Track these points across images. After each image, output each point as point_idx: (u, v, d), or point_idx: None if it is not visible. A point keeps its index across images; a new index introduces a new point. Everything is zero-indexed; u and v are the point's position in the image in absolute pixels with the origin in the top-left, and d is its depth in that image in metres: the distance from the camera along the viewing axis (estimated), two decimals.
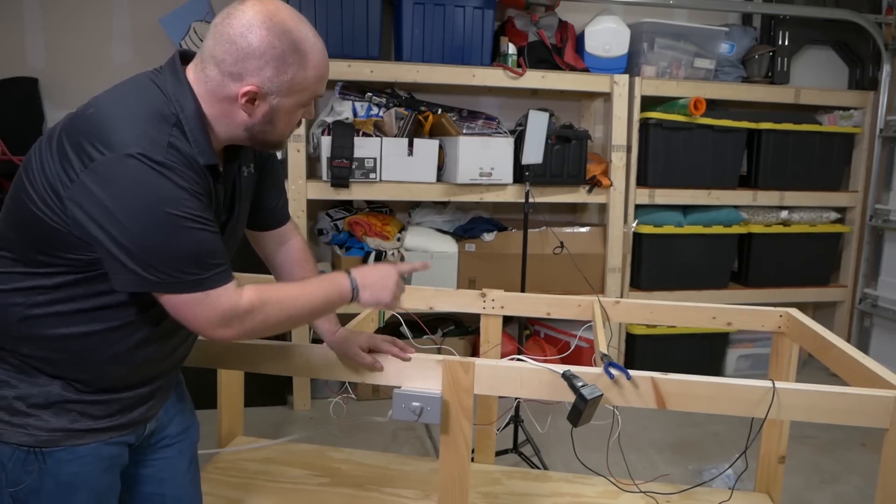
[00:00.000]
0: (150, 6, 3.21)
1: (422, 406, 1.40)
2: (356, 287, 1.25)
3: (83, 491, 1.14)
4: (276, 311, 1.14)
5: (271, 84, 1.08)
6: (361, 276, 1.27)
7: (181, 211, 1.01)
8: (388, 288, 1.29)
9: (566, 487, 2.04)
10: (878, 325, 3.79)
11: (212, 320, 1.07)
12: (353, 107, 3.13)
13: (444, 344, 3.18)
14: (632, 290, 3.53)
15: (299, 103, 1.14)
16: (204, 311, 1.07)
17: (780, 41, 3.74)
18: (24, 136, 3.13)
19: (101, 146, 0.99)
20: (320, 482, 2.02)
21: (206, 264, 1.05)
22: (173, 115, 1.06)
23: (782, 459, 1.98)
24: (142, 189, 0.99)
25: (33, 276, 1.08)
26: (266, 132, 1.14)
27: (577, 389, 1.35)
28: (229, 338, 1.11)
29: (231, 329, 1.10)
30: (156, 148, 1.01)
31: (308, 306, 1.20)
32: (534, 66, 3.27)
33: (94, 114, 1.04)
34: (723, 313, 2.00)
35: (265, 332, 1.15)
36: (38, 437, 1.10)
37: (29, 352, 1.10)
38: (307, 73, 1.10)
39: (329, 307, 1.24)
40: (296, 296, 1.19)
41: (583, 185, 3.35)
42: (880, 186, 3.75)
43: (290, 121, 1.16)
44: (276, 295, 1.15)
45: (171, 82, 1.09)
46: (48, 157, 1.04)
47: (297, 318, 1.20)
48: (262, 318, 1.12)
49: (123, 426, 1.19)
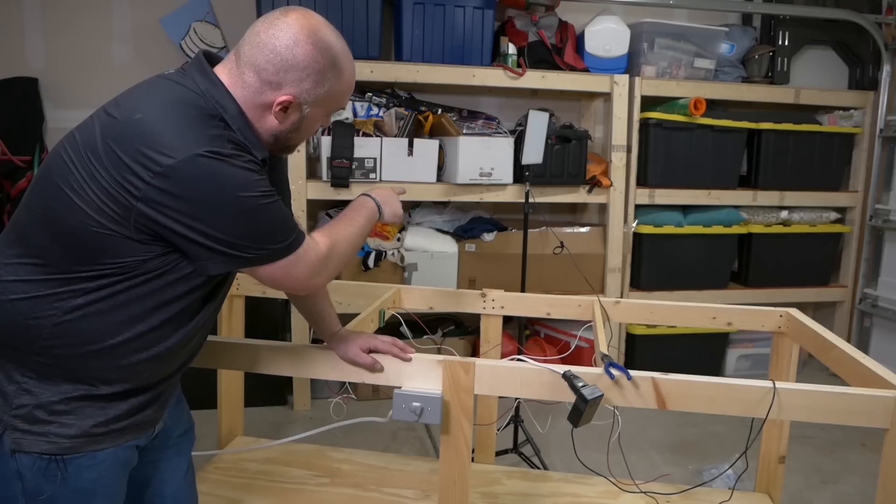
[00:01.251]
0: (150, 6, 3.21)
1: (422, 406, 1.40)
2: (379, 205, 1.41)
3: (100, 496, 1.14)
4: (344, 246, 1.27)
5: (307, 95, 1.15)
6: (377, 195, 1.43)
7: (257, 191, 1.08)
8: (398, 203, 1.47)
9: (566, 487, 2.04)
10: (878, 325, 3.79)
11: (308, 274, 1.19)
12: (353, 107, 3.13)
13: (444, 344, 3.18)
14: (632, 290, 3.53)
15: (326, 113, 1.21)
16: (300, 270, 1.17)
17: (780, 41, 3.74)
18: (24, 136, 3.13)
19: (166, 150, 1.02)
20: (320, 482, 2.02)
21: (287, 229, 1.15)
22: (218, 113, 1.10)
23: (782, 459, 1.98)
24: (219, 183, 1.05)
25: (71, 281, 1.07)
26: (290, 138, 1.21)
27: (578, 390, 1.35)
28: (321, 284, 1.28)
29: (322, 276, 1.22)
30: (218, 142, 1.06)
31: (359, 231, 1.33)
32: (534, 66, 3.27)
33: (143, 120, 1.05)
34: (723, 313, 2.01)
35: (341, 269, 1.31)
36: (59, 445, 1.09)
37: (62, 353, 1.09)
38: (342, 87, 1.19)
39: (369, 228, 1.38)
40: (348, 227, 1.31)
41: (583, 185, 3.35)
42: (880, 186, 3.75)
43: (313, 129, 1.23)
44: (337, 233, 1.27)
45: (204, 83, 1.12)
46: (96, 167, 1.04)
47: (356, 246, 1.33)
48: (337, 256, 1.24)
49: (138, 427, 1.19)
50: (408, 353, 1.48)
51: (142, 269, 1.09)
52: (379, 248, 3.20)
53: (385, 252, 3.19)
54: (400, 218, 1.46)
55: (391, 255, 3.19)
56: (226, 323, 2.22)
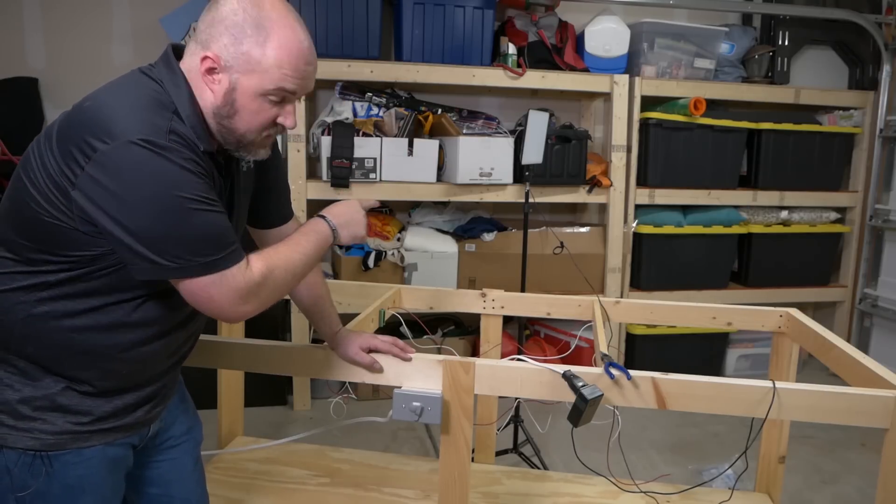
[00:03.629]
0: (150, 6, 3.21)
1: (422, 406, 1.40)
2: (334, 228, 1.26)
3: (89, 493, 1.14)
4: (283, 275, 1.14)
5: (227, 54, 1.06)
6: (334, 215, 1.27)
7: (189, 193, 1.01)
8: (361, 222, 1.31)
9: (566, 487, 2.04)
10: (878, 325, 3.79)
11: (232, 300, 1.07)
12: (353, 107, 3.13)
13: (444, 344, 3.18)
14: (632, 290, 3.53)
15: (262, 89, 1.08)
16: (223, 293, 1.06)
17: (780, 41, 3.74)
18: (24, 136, 3.10)
19: (103, 136, 0.98)
20: (320, 482, 2.02)
21: (219, 245, 1.05)
22: (171, 103, 1.06)
23: (782, 459, 1.98)
24: (149, 175, 0.98)
25: (36, 275, 1.07)
26: (231, 119, 1.10)
27: (578, 389, 1.35)
28: (248, 314, 1.10)
29: (250, 305, 1.09)
30: (158, 132, 1.00)
31: (305, 259, 1.19)
32: (534, 66, 3.27)
33: (91, 106, 1.03)
34: (723, 313, 2.01)
35: (277, 299, 1.16)
36: (44, 441, 1.09)
37: (34, 351, 1.09)
38: (265, 52, 1.06)
39: (320, 254, 1.24)
40: (292, 254, 1.17)
41: (583, 185, 3.35)
42: (880, 186, 3.75)
43: (256, 114, 1.10)
44: (277, 258, 1.14)
45: (166, 73, 1.09)
46: (48, 156, 1.03)
47: (299, 275, 1.20)
48: (272, 285, 1.12)
49: (128, 427, 1.19)
50: (408, 353, 1.47)
51: (98, 265, 1.07)
52: (379, 248, 3.20)
53: (385, 252, 3.19)
54: (360, 239, 1.33)
55: (391, 255, 3.19)
56: (226, 323, 2.22)
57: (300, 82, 1.11)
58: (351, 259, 3.17)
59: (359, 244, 3.22)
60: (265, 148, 1.18)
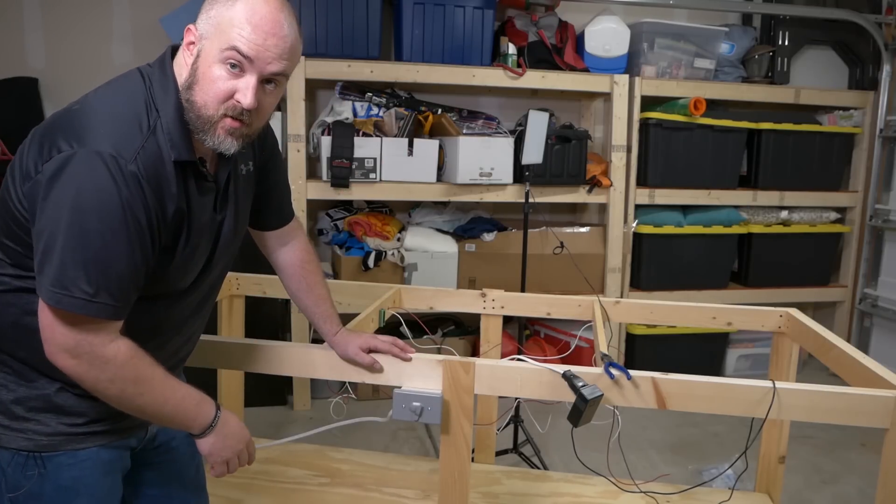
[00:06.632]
0: (150, 6, 3.21)
1: (422, 406, 1.40)
2: (213, 426, 1.15)
3: (84, 495, 1.14)
4: (126, 382, 1.04)
5: (201, 22, 1.06)
6: (224, 422, 1.17)
7: (113, 227, 0.96)
8: (232, 448, 1.19)
9: (566, 487, 2.04)
10: (878, 325, 3.79)
11: (63, 344, 0.99)
12: (353, 107, 3.13)
13: (444, 344, 3.18)
14: (632, 290, 3.53)
15: (217, 50, 1.03)
16: (63, 333, 0.99)
17: (780, 41, 3.74)
18: (24, 136, 3.12)
19: (73, 140, 0.97)
20: (320, 482, 2.02)
21: (101, 289, 0.97)
22: (156, 114, 1.04)
23: (782, 459, 1.98)
24: (88, 188, 0.95)
25: (24, 279, 1.06)
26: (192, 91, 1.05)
27: (578, 389, 1.35)
28: (69, 371, 1.01)
29: (77, 364, 1.00)
30: (127, 151, 0.98)
31: (160, 401, 1.08)
32: (534, 66, 3.27)
33: (77, 110, 1.03)
34: (723, 313, 2.01)
35: (104, 392, 1.04)
36: (37, 442, 1.09)
37: (26, 355, 1.09)
38: (231, 14, 1.02)
39: (174, 416, 1.12)
40: (157, 384, 1.07)
41: (583, 185, 3.35)
42: (880, 186, 3.75)
43: (213, 82, 1.04)
44: (144, 366, 1.05)
45: (158, 76, 1.08)
46: (29, 149, 1.03)
47: (139, 403, 1.07)
48: (109, 376, 1.02)
49: (124, 430, 1.18)
50: (408, 353, 1.47)
51: None
52: (379, 248, 3.20)
53: (385, 252, 3.19)
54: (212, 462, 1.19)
55: (391, 255, 3.19)
56: (226, 323, 2.22)
57: (257, 49, 1.03)
58: (351, 259, 3.17)
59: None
60: (231, 137, 1.07)
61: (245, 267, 2.09)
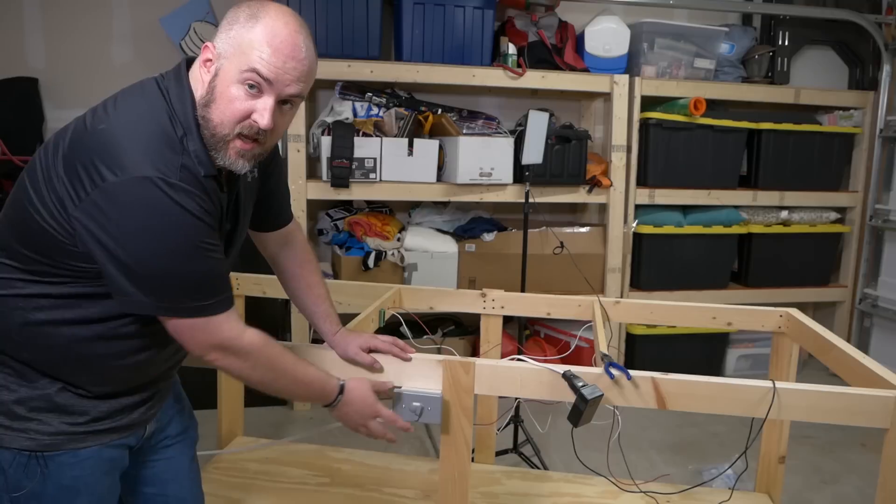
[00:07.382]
0: (150, 6, 3.21)
1: (422, 406, 1.40)
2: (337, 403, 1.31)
3: (85, 494, 1.14)
4: (265, 369, 1.17)
5: (220, 41, 1.07)
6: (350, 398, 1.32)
7: (191, 238, 1.02)
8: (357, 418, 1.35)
9: (566, 487, 2.04)
10: (878, 325, 3.79)
11: (210, 344, 1.10)
12: (353, 107, 3.13)
13: (445, 344, 3.18)
14: (632, 290, 3.53)
15: (237, 71, 1.04)
16: (204, 336, 1.09)
17: (780, 41, 3.74)
18: (24, 136, 3.12)
19: (114, 167, 0.98)
20: (320, 482, 2.02)
21: (210, 292, 1.07)
22: (181, 128, 1.06)
23: (782, 459, 1.98)
24: (154, 214, 0.99)
25: (37, 284, 1.07)
26: (208, 108, 1.06)
27: (578, 389, 1.35)
28: (219, 365, 1.13)
29: (226, 359, 1.12)
30: (170, 169, 1.01)
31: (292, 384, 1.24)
32: (534, 66, 3.27)
33: (105, 130, 1.02)
34: (723, 313, 2.00)
35: (247, 379, 1.18)
36: (39, 442, 1.09)
37: (30, 357, 1.09)
38: (251, 36, 1.04)
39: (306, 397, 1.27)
40: (289, 368, 1.21)
41: (583, 185, 3.35)
42: (880, 186, 3.75)
43: (230, 102, 1.05)
44: (276, 354, 1.18)
45: (175, 90, 1.08)
46: (55, 170, 1.03)
47: (276, 387, 1.21)
48: (251, 364, 1.14)
49: (124, 428, 1.19)
50: (408, 353, 1.47)
51: (99, 278, 1.06)
52: (379, 248, 3.20)
53: (385, 252, 3.19)
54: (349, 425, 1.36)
55: (391, 255, 3.19)
56: None
57: (276, 72, 1.05)
58: (351, 259, 3.17)
59: (358, 249, 3.22)
60: (242, 159, 1.10)
61: (245, 267, 2.09)
